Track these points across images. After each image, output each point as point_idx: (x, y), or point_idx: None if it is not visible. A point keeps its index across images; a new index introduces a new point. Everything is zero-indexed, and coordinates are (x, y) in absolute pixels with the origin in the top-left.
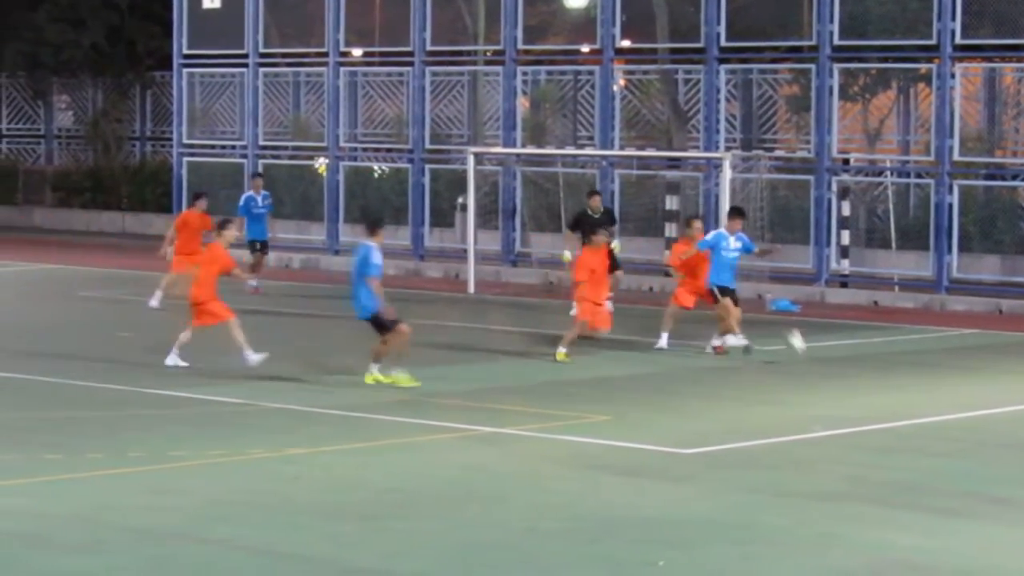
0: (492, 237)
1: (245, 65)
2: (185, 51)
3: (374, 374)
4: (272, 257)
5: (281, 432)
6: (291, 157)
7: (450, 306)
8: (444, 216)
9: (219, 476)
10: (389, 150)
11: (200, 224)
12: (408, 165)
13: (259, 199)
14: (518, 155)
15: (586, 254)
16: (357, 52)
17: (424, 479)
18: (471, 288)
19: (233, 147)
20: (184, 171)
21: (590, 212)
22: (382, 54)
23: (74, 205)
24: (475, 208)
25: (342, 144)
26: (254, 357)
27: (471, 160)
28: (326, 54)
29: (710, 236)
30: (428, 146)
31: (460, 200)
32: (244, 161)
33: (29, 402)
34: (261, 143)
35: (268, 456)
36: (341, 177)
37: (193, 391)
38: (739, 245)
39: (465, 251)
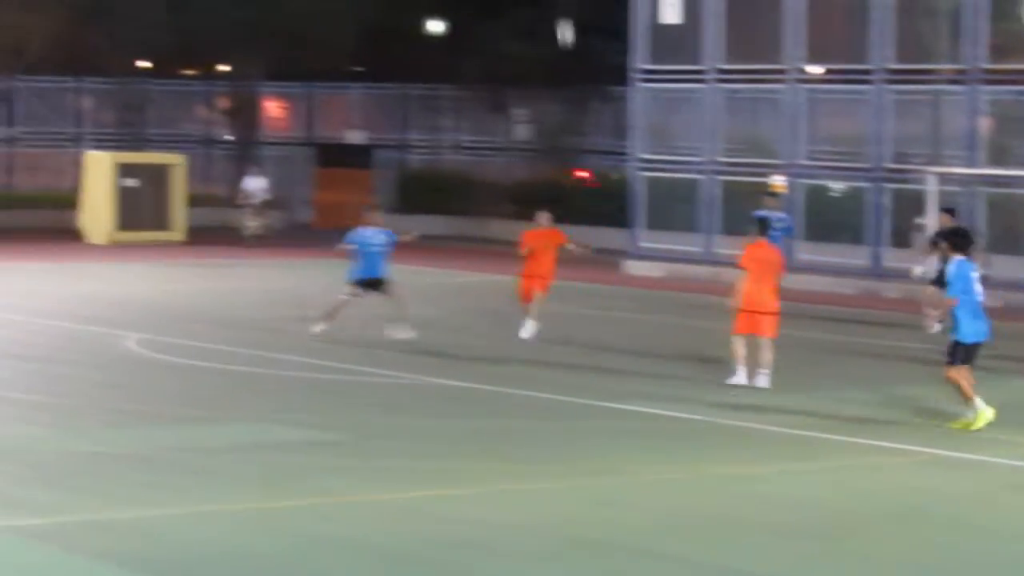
0: None
1: (703, 81)
2: (643, 66)
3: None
4: (728, 274)
5: (738, 450)
6: (749, 174)
7: (907, 328)
8: (902, 236)
9: (672, 492)
10: (847, 168)
11: (549, 240)
12: (866, 184)
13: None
14: (980, 176)
15: None
16: (816, 69)
17: (879, 500)
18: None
19: (690, 163)
20: (641, 185)
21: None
22: (842, 71)
23: (530, 218)
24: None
25: (800, 161)
26: (762, 381)
27: (931, 180)
28: (785, 71)
29: None
30: (887, 165)
31: (917, 220)
32: (701, 177)
33: (485, 412)
34: (719, 159)
35: (725, 473)
36: (799, 195)
37: (648, 406)
38: None
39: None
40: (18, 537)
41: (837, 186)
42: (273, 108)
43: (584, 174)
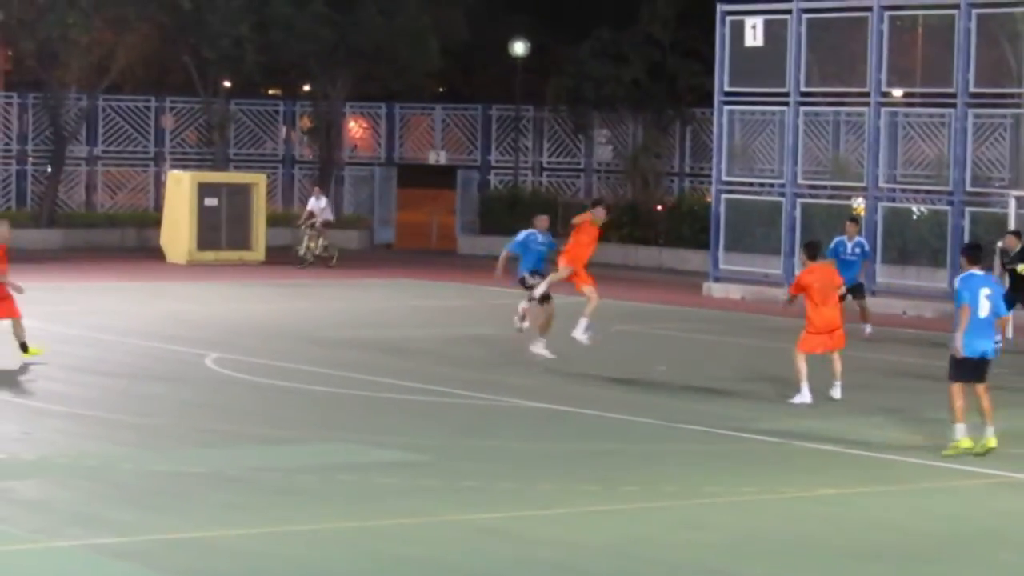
0: None
1: (786, 103)
2: (726, 88)
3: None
4: None
5: (815, 472)
6: (829, 197)
7: None
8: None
9: (753, 513)
10: (928, 191)
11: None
12: (947, 207)
13: (850, 245)
14: None
15: None
16: (898, 92)
17: (957, 523)
18: (1009, 333)
19: (772, 185)
20: (722, 208)
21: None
22: (923, 95)
23: (611, 239)
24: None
25: (881, 184)
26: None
27: (1012, 203)
28: (867, 94)
29: None
30: (968, 188)
31: (999, 244)
32: (782, 199)
33: (568, 433)
34: (800, 181)
35: (802, 495)
36: (879, 217)
37: (727, 428)
38: None
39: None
40: (98, 555)
41: (918, 209)
42: (356, 128)
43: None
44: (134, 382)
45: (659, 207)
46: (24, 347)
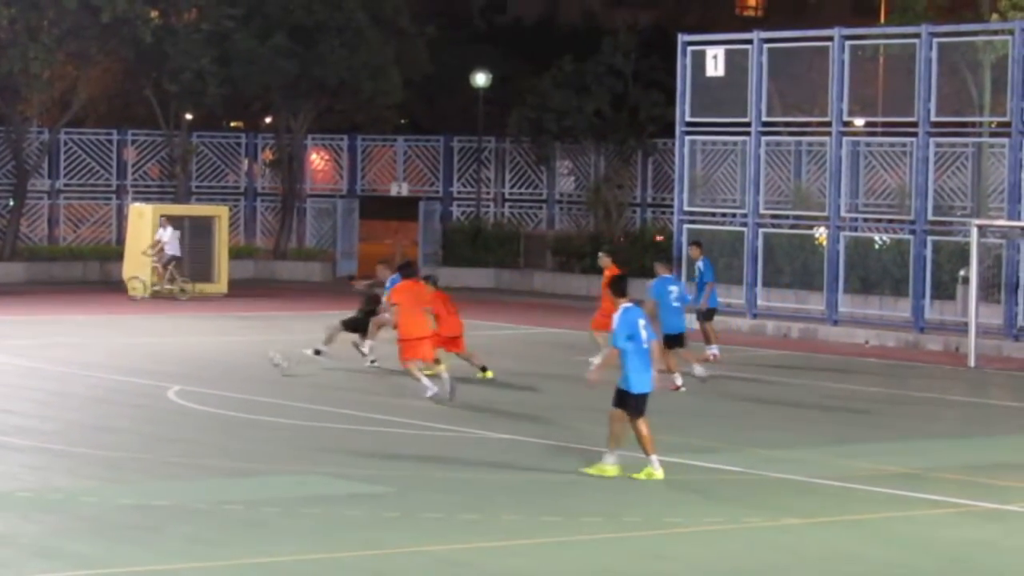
0: (994, 311)
1: (747, 133)
2: (688, 118)
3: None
4: (770, 326)
5: (778, 502)
6: (791, 226)
7: (950, 380)
8: (945, 288)
9: (717, 544)
10: (890, 221)
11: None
12: (909, 236)
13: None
14: (1023, 228)
15: None
16: (860, 122)
17: (923, 554)
18: (971, 362)
19: (734, 215)
20: (684, 238)
21: None
22: (885, 124)
23: (574, 270)
24: (977, 281)
25: (843, 214)
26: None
27: (975, 232)
28: (829, 123)
29: None
30: (931, 217)
31: (962, 273)
32: (744, 229)
33: (530, 464)
34: (762, 211)
35: (764, 525)
36: (841, 247)
37: (696, 459)
38: None
39: (966, 324)
40: None
41: (880, 238)
42: (318, 160)
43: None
44: (97, 415)
45: (621, 238)
46: None
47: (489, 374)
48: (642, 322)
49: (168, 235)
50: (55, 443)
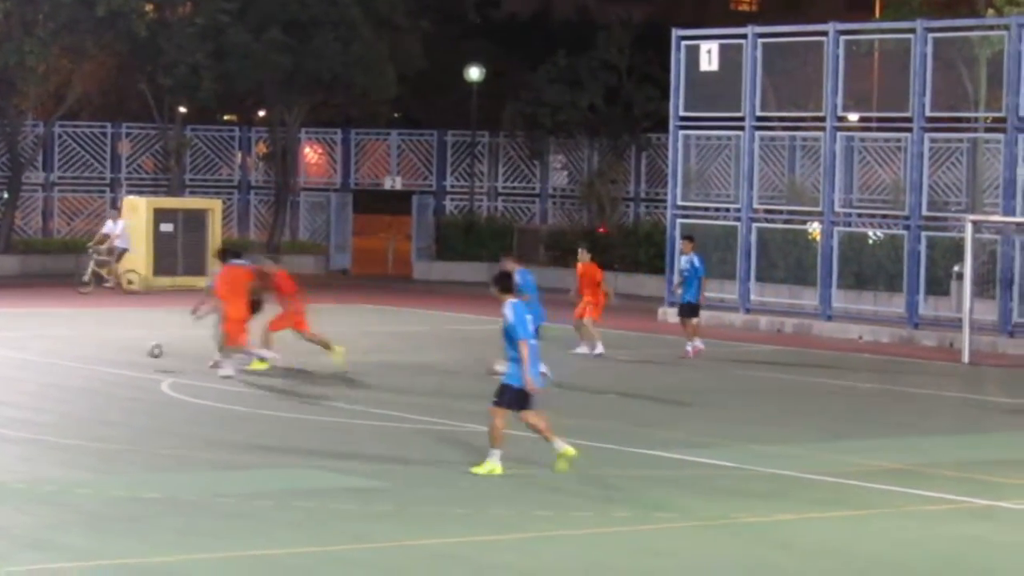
0: (988, 307)
1: (741, 128)
2: (682, 113)
3: None
4: (763, 321)
5: (771, 497)
6: (785, 221)
7: (944, 376)
8: (939, 284)
9: (708, 539)
10: (885, 216)
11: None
12: (904, 232)
13: (684, 260)
14: (1017, 224)
15: None
16: (854, 117)
17: (915, 550)
18: (965, 358)
19: (727, 209)
20: (677, 232)
21: None
22: (879, 119)
23: (567, 264)
24: (972, 277)
25: (837, 209)
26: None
27: (969, 228)
28: (823, 118)
29: None
30: (925, 213)
31: (956, 268)
32: (737, 224)
33: (521, 458)
34: (755, 206)
35: (756, 521)
36: (835, 242)
37: (688, 453)
38: None
39: (960, 320)
40: None
41: (874, 234)
42: (311, 154)
43: (601, 229)
44: (91, 408)
45: (601, 229)
46: None
47: (338, 351)
48: (529, 317)
49: (119, 228)
50: (48, 435)
